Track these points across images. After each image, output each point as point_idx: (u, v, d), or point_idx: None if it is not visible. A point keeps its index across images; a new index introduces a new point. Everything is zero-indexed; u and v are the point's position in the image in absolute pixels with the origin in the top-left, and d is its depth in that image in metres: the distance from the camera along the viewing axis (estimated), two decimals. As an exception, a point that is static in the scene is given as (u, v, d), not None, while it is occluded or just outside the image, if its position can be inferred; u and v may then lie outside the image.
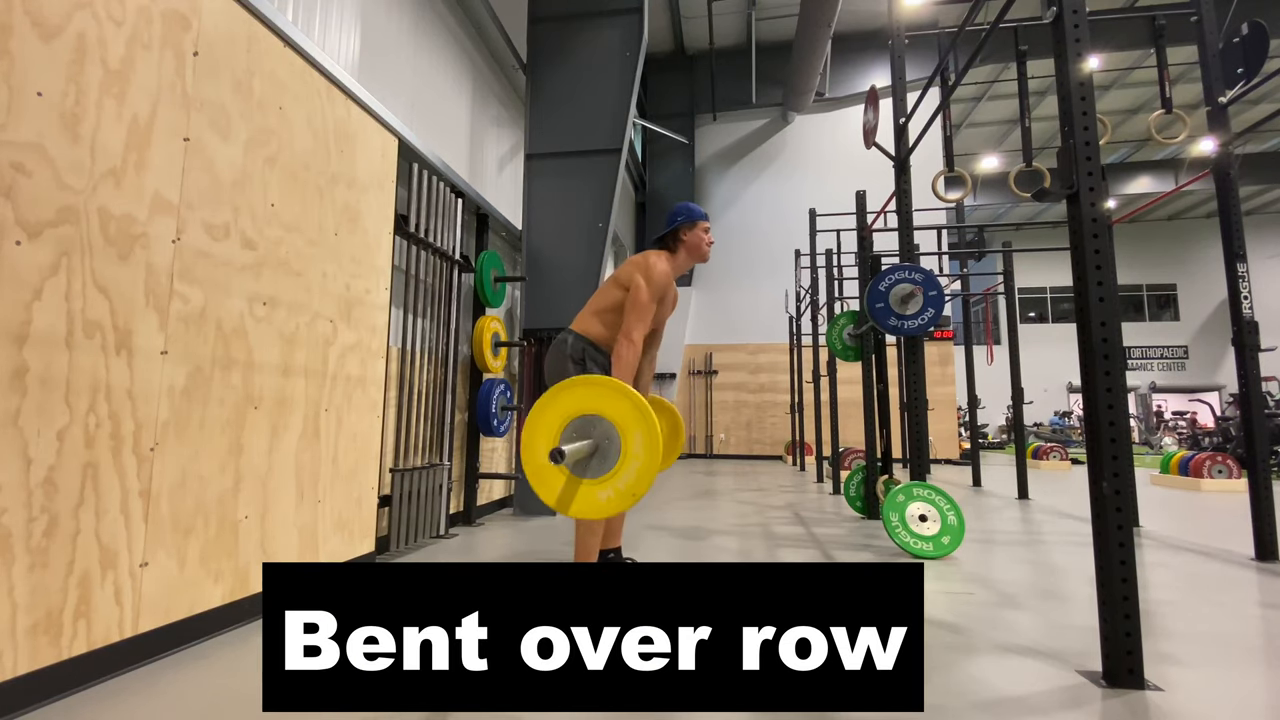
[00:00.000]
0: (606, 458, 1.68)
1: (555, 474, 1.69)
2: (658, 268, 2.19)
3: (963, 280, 8.40)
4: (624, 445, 1.67)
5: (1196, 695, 1.53)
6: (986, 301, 9.15)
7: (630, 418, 1.66)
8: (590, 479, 1.68)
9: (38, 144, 1.41)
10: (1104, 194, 1.75)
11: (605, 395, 1.69)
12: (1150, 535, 3.81)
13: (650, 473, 1.65)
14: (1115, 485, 1.61)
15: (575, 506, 1.68)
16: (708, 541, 3.47)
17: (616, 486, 1.66)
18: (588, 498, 1.68)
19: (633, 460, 1.65)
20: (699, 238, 2.34)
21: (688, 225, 2.34)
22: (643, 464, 1.64)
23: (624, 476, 1.65)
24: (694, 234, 2.34)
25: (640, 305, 2.13)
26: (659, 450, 1.65)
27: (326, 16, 3.07)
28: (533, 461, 1.71)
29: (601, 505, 1.67)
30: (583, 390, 1.71)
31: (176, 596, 1.75)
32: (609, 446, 1.68)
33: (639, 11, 4.62)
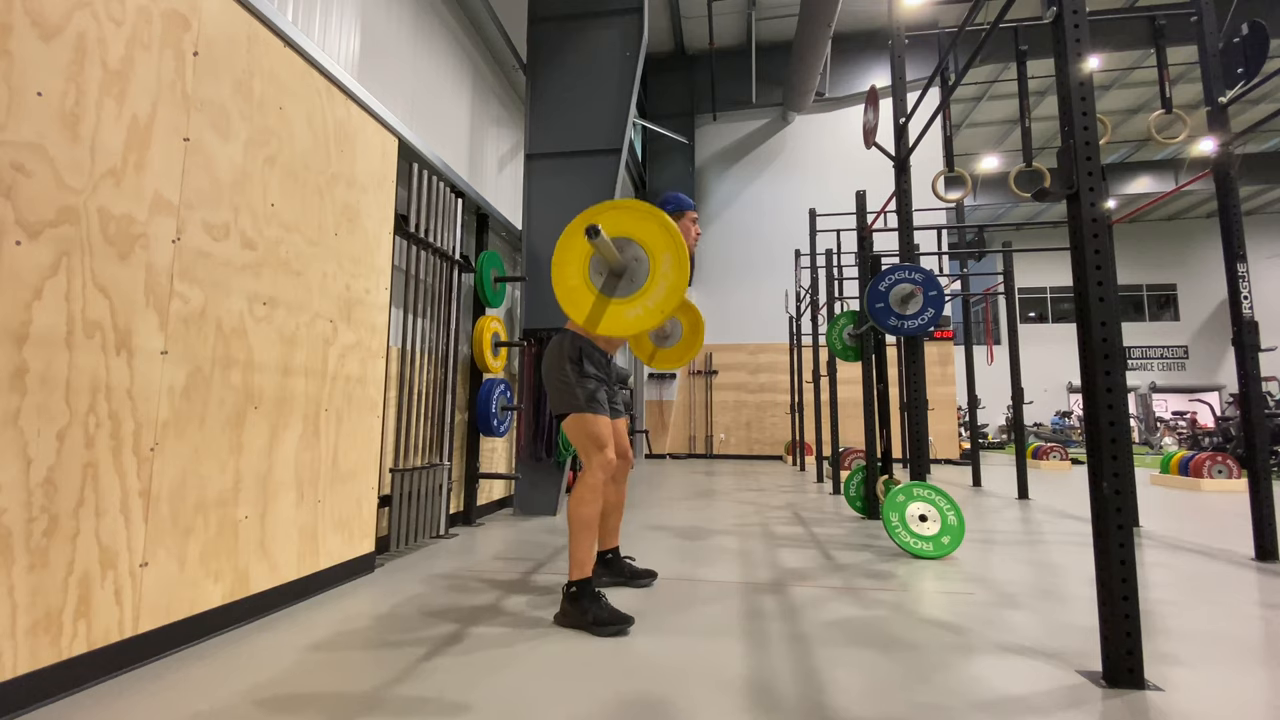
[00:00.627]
0: (635, 278, 1.76)
1: (586, 293, 1.77)
2: None
3: (963, 280, 8.40)
4: (653, 265, 1.74)
5: (1196, 695, 1.53)
6: (986, 301, 9.16)
7: (660, 240, 1.73)
8: (620, 297, 1.75)
9: (38, 144, 1.41)
10: (1104, 194, 1.75)
11: (636, 218, 1.75)
12: (1150, 535, 3.81)
13: (678, 291, 1.71)
14: (1115, 485, 1.61)
15: (605, 324, 1.75)
16: (708, 542, 3.47)
17: (646, 304, 1.73)
18: (617, 315, 1.75)
19: (661, 279, 1.72)
20: (686, 228, 2.36)
21: (675, 215, 2.36)
22: (671, 282, 1.72)
23: (653, 294, 1.72)
24: (681, 224, 2.36)
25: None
26: (687, 271, 1.72)
27: (326, 16, 3.07)
28: (564, 286, 1.78)
29: (630, 322, 1.73)
30: (613, 214, 1.78)
31: (176, 596, 1.75)
32: (638, 267, 1.76)
33: (639, 11, 4.62)
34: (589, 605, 1.98)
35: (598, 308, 1.76)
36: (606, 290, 1.76)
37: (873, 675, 1.64)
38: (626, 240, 1.76)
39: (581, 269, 1.78)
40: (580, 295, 1.77)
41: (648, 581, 2.53)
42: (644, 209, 1.76)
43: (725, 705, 1.46)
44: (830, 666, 1.69)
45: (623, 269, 1.76)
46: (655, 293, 1.72)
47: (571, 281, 1.77)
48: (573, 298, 1.78)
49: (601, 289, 1.76)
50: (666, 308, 1.71)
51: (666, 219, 1.73)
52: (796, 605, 2.27)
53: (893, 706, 1.46)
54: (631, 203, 1.78)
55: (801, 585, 2.55)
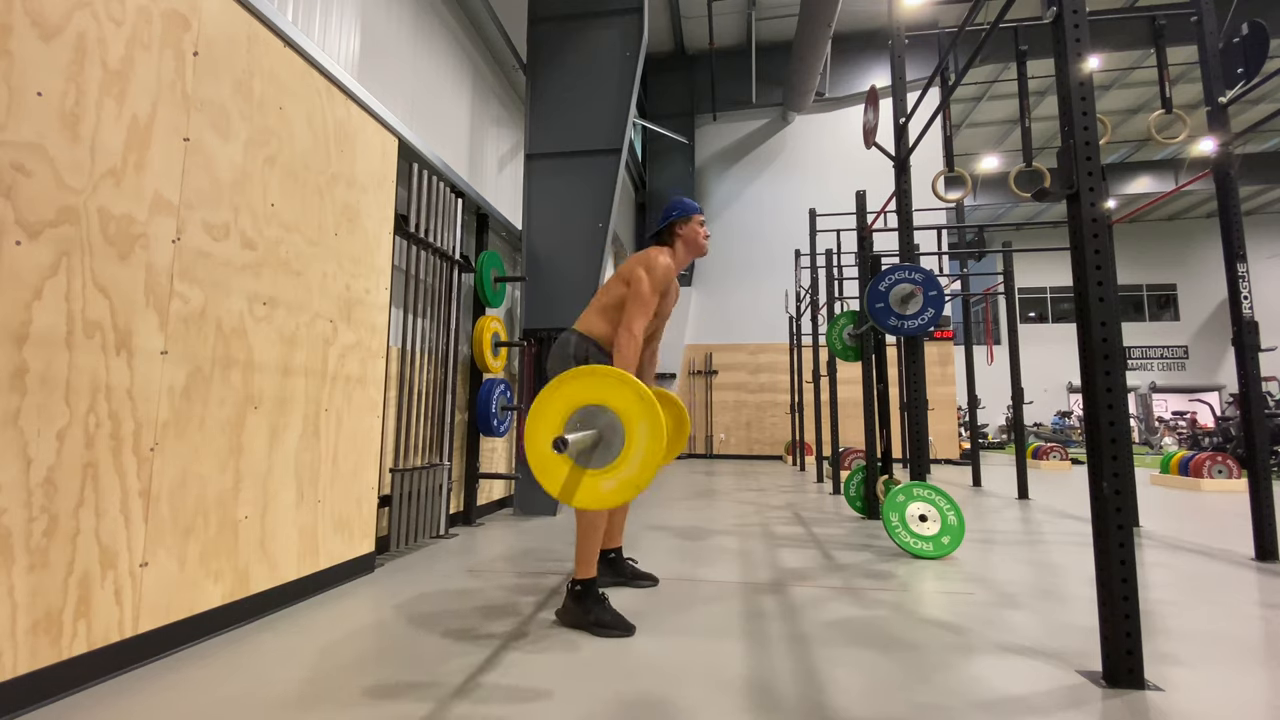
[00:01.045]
0: (611, 448, 1.68)
1: (559, 464, 1.68)
2: (660, 261, 2.19)
3: (963, 280, 8.40)
4: (628, 436, 1.67)
5: (1196, 695, 1.53)
6: (986, 301, 9.16)
7: (635, 408, 1.66)
8: (594, 469, 1.68)
9: (38, 144, 1.41)
10: (1104, 194, 1.75)
11: (609, 385, 1.68)
12: (1150, 535, 3.81)
13: (654, 464, 1.64)
14: (1115, 485, 1.61)
15: (579, 497, 1.68)
16: (708, 541, 3.47)
17: (620, 477, 1.65)
18: (591, 488, 1.67)
19: (637, 451, 1.65)
20: (695, 231, 2.34)
21: (683, 220, 2.34)
22: (646, 455, 1.64)
23: (628, 467, 1.65)
24: (690, 228, 2.34)
25: (642, 297, 2.13)
26: (663, 441, 1.64)
27: (326, 16, 3.07)
28: (536, 451, 1.71)
29: (604, 495, 1.66)
30: (587, 380, 1.70)
31: (176, 596, 1.75)
32: (613, 437, 1.68)
33: (639, 11, 4.62)
34: (592, 606, 1.98)
35: (572, 479, 1.66)
36: (581, 461, 1.69)
37: (873, 675, 1.64)
38: (601, 408, 1.68)
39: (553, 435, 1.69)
40: (554, 464, 1.68)
41: (649, 583, 2.53)
42: (617, 376, 1.68)
43: (725, 705, 1.46)
44: (830, 666, 1.69)
45: (597, 441, 1.69)
46: (630, 465, 1.63)
47: (544, 449, 1.70)
48: (546, 466, 1.68)
49: (576, 459, 1.69)
50: (642, 481, 1.62)
51: (642, 387, 1.64)
52: (796, 605, 2.27)
53: (893, 706, 1.46)
54: (605, 370, 1.68)
55: (801, 585, 2.55)
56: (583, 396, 1.70)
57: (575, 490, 1.68)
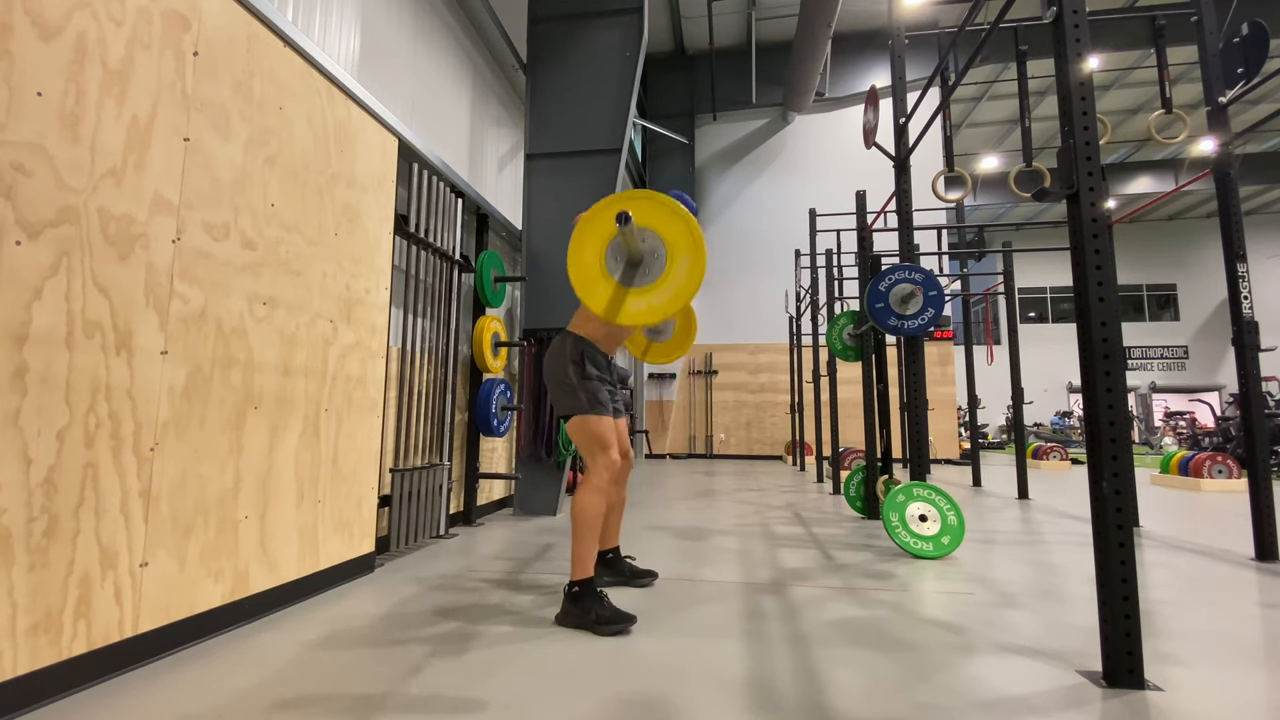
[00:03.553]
0: (649, 272, 1.73)
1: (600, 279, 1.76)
2: None
3: (963, 280, 8.40)
4: (669, 263, 1.72)
5: (1196, 695, 1.53)
6: (986, 301, 9.15)
7: (682, 240, 1.72)
8: (634, 288, 1.73)
9: (38, 144, 1.41)
10: (1104, 194, 1.75)
11: (663, 214, 1.73)
12: (1150, 535, 3.81)
13: (685, 296, 1.70)
14: (1115, 485, 1.61)
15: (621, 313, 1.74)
16: (708, 541, 3.47)
17: (651, 300, 1.72)
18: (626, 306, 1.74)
19: (674, 280, 1.71)
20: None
21: None
22: (681, 286, 1.70)
23: (660, 293, 1.72)
24: None
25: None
26: (700, 277, 1.71)
27: (326, 16, 3.07)
28: (579, 263, 1.77)
29: (633, 314, 1.73)
30: (643, 204, 1.75)
31: (176, 596, 1.75)
32: (653, 262, 1.73)
33: (639, 11, 4.62)
34: (591, 604, 1.98)
35: (616, 296, 1.75)
36: (623, 280, 1.75)
37: (873, 675, 1.64)
38: (648, 231, 1.74)
39: (600, 254, 1.76)
40: (596, 280, 1.76)
41: (648, 581, 2.53)
42: (673, 205, 1.74)
43: (725, 705, 1.46)
44: (830, 666, 1.69)
45: (640, 260, 1.74)
46: (664, 290, 1.71)
47: (589, 264, 1.76)
48: (589, 281, 1.76)
49: (619, 278, 1.75)
50: (671, 308, 1.70)
51: (694, 222, 1.72)
52: (796, 605, 2.27)
53: (893, 706, 1.46)
54: (661, 196, 1.76)
55: (801, 585, 2.55)
56: (636, 217, 1.74)
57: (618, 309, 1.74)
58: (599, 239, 1.76)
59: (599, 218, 1.76)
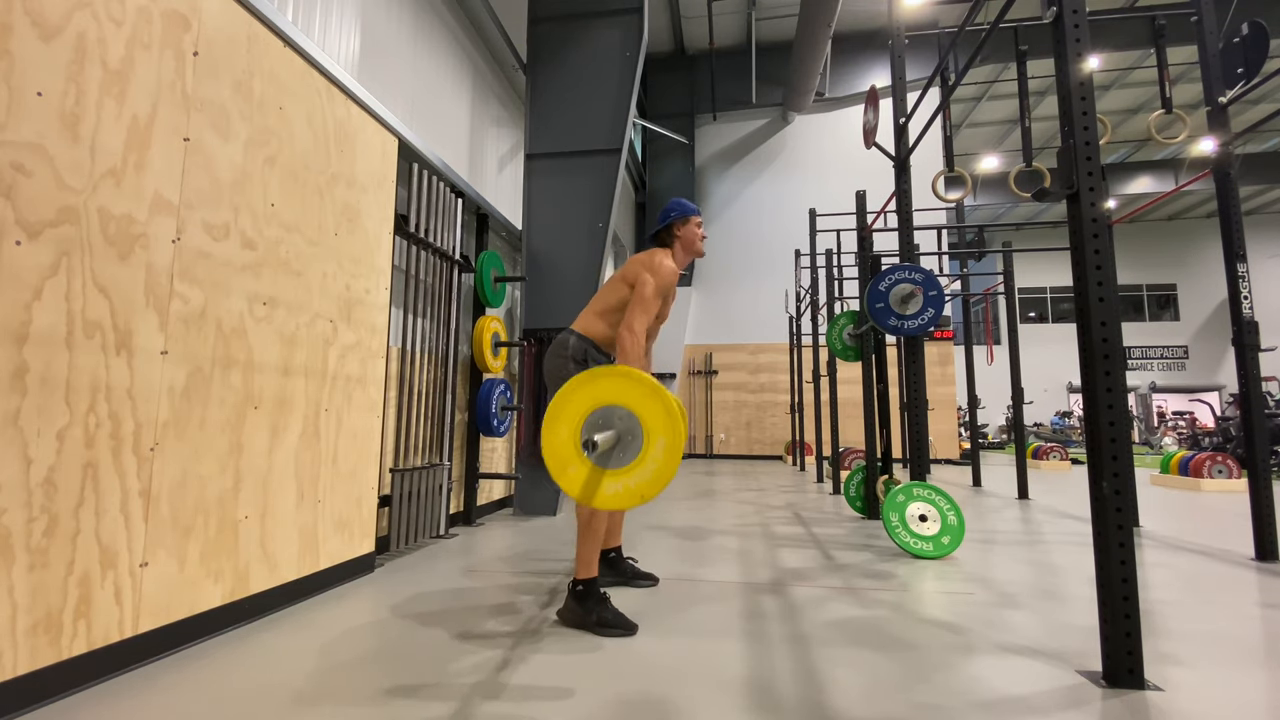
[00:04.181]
0: (626, 452, 1.68)
1: (575, 460, 1.69)
2: (665, 265, 2.20)
3: (963, 280, 8.40)
4: (646, 445, 1.67)
5: (1196, 695, 1.53)
6: (986, 301, 9.15)
7: (659, 420, 1.66)
8: (609, 470, 1.69)
9: (38, 144, 1.41)
10: (1104, 194, 1.75)
11: (640, 392, 1.68)
12: (1150, 535, 3.81)
13: (664, 478, 1.64)
14: (1115, 485, 1.61)
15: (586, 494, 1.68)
16: (708, 541, 3.47)
17: (628, 484, 1.65)
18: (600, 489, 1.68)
19: (651, 462, 1.65)
20: (693, 233, 2.36)
21: (681, 221, 2.35)
22: (659, 468, 1.64)
23: (638, 475, 1.65)
24: (688, 229, 2.35)
25: (646, 300, 2.14)
26: (677, 460, 1.65)
27: (326, 16, 3.07)
28: (553, 443, 1.71)
29: (608, 498, 1.67)
30: (620, 381, 1.70)
31: (176, 596, 1.75)
32: (630, 442, 1.68)
33: (639, 11, 4.62)
34: (594, 606, 1.98)
35: (587, 477, 1.69)
36: (600, 461, 1.70)
37: (873, 675, 1.64)
38: (626, 411, 1.68)
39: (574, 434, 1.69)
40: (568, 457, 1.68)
41: (650, 583, 2.53)
42: (651, 386, 1.68)
43: (725, 705, 1.46)
44: (830, 666, 1.69)
45: (616, 441, 1.68)
46: (641, 473, 1.62)
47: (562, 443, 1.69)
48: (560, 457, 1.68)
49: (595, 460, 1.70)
50: (649, 493, 1.62)
51: (671, 402, 1.64)
52: (796, 605, 2.27)
53: (893, 706, 1.46)
54: (641, 375, 1.69)
55: (801, 585, 2.55)
56: (610, 396, 1.70)
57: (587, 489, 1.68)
58: (572, 419, 1.70)
59: (574, 398, 1.70)
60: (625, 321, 2.12)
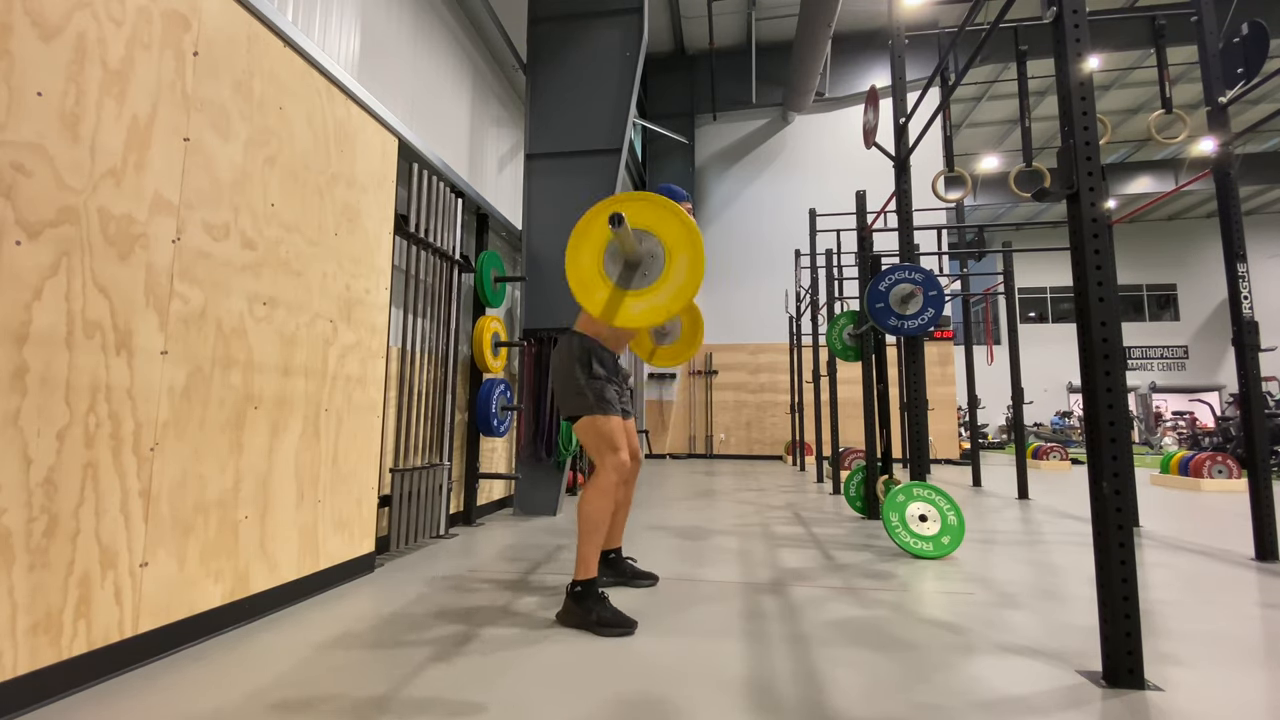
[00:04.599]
0: (648, 272, 1.74)
1: (599, 282, 1.76)
2: None
3: (963, 280, 8.40)
4: (668, 263, 1.73)
5: (1196, 695, 1.53)
6: (986, 301, 9.15)
7: (680, 239, 1.73)
8: (631, 290, 1.74)
9: (38, 144, 1.41)
10: (1104, 194, 1.75)
11: (658, 214, 1.74)
12: (1150, 535, 3.81)
13: (687, 293, 1.70)
14: (1115, 485, 1.61)
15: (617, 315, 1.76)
16: (708, 541, 3.47)
17: (653, 300, 1.73)
18: (625, 308, 1.75)
19: (674, 278, 1.72)
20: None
21: None
22: (682, 283, 1.71)
23: (662, 292, 1.72)
24: None
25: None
26: (700, 274, 1.71)
27: (326, 16, 3.07)
28: (577, 268, 1.78)
29: (634, 315, 1.73)
30: (638, 205, 1.76)
31: (176, 596, 1.75)
32: (652, 263, 1.75)
33: (639, 11, 4.62)
34: (593, 606, 1.98)
35: (612, 299, 1.76)
36: (621, 282, 1.76)
37: (873, 675, 1.64)
38: (645, 232, 1.75)
39: (597, 257, 1.77)
40: (593, 283, 1.77)
41: (649, 583, 2.53)
42: (668, 205, 1.75)
43: (725, 705, 1.46)
44: (830, 666, 1.69)
45: (638, 261, 1.75)
46: (665, 290, 1.71)
47: (586, 268, 1.77)
48: (586, 284, 1.77)
49: (616, 280, 1.76)
50: (673, 307, 1.70)
51: (689, 220, 1.73)
52: (796, 605, 2.27)
53: (893, 706, 1.46)
54: (656, 197, 1.77)
55: (801, 585, 2.55)
56: (632, 219, 1.74)
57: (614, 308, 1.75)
58: (595, 243, 1.77)
59: (595, 222, 1.77)
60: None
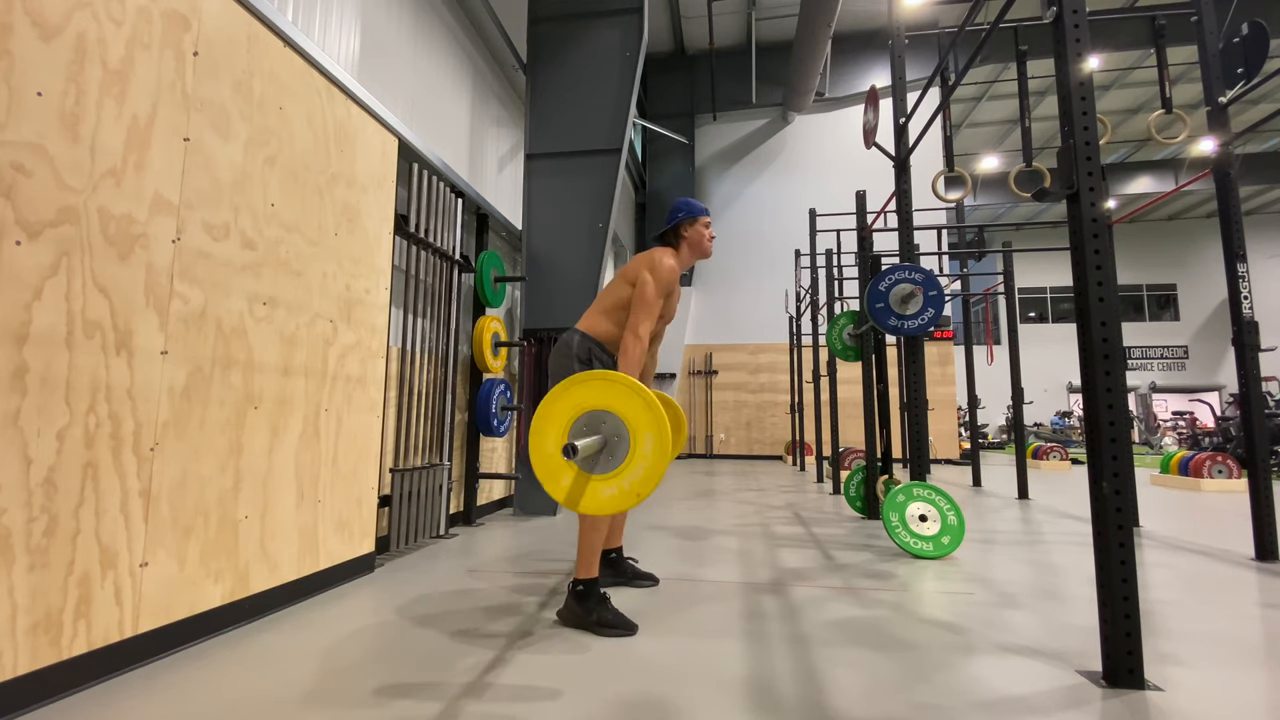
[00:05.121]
0: (615, 455, 1.69)
1: (564, 468, 1.70)
2: (665, 263, 2.18)
3: (963, 280, 8.40)
4: (633, 444, 1.68)
5: (1196, 695, 1.53)
6: (986, 301, 9.15)
7: (642, 417, 1.67)
8: (598, 474, 1.69)
9: (38, 144, 1.41)
10: (1104, 194, 1.75)
11: (618, 392, 1.69)
12: (1150, 535, 3.81)
13: (657, 474, 1.65)
14: (1115, 485, 1.61)
15: (582, 502, 1.70)
16: (708, 541, 3.47)
17: (622, 485, 1.66)
18: (593, 494, 1.69)
19: (641, 460, 1.66)
20: (700, 233, 2.33)
21: (689, 221, 2.33)
22: (650, 465, 1.65)
23: (630, 475, 1.66)
24: (695, 229, 2.33)
25: (647, 301, 2.13)
26: (668, 453, 1.66)
27: (326, 16, 3.07)
28: (541, 455, 1.72)
29: (604, 502, 1.68)
30: (596, 385, 1.71)
31: (176, 596, 1.75)
32: (618, 444, 1.69)
33: (639, 11, 4.62)
34: (594, 606, 1.98)
35: (577, 484, 1.70)
36: (586, 466, 1.71)
37: (873, 675, 1.64)
38: (608, 413, 1.69)
39: (560, 440, 1.72)
40: (559, 468, 1.71)
41: (650, 583, 2.53)
42: (627, 384, 1.69)
43: (725, 705, 1.46)
44: (830, 666, 1.69)
45: (602, 445, 1.71)
46: (633, 473, 1.64)
47: (550, 452, 1.72)
48: (550, 469, 1.70)
49: (581, 465, 1.70)
50: (644, 491, 1.64)
51: (651, 398, 1.65)
52: (796, 605, 2.27)
53: (893, 706, 1.46)
54: (615, 376, 1.70)
55: (801, 585, 2.55)
56: (590, 401, 1.71)
57: (579, 495, 1.69)
58: (557, 428, 1.72)
59: (555, 408, 1.71)
60: (630, 325, 2.12)
